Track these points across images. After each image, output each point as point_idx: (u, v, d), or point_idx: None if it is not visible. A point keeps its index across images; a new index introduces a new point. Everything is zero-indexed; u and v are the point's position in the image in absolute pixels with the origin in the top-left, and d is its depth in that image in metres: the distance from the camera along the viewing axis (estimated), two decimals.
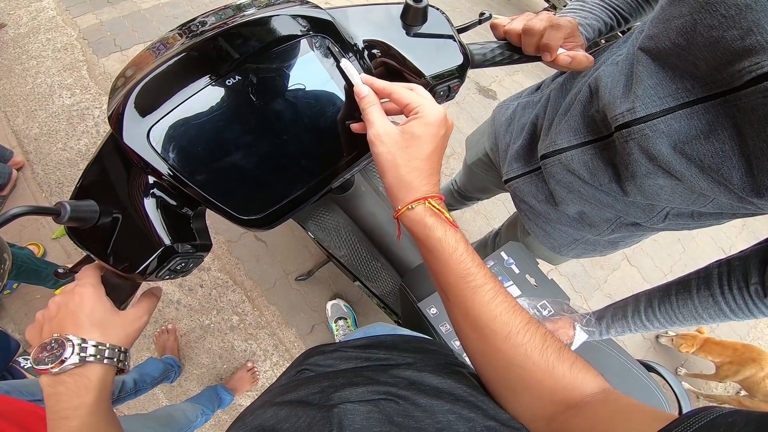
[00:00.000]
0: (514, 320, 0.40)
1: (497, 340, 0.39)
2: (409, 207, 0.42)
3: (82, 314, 0.44)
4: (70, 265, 0.54)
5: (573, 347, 0.78)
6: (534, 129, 0.81)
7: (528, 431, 0.38)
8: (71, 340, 0.42)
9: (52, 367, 0.40)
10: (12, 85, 2.22)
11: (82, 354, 0.42)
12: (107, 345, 0.45)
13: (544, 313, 0.83)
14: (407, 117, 0.45)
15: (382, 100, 0.47)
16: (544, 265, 2.12)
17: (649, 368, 0.86)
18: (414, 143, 0.43)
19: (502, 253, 0.91)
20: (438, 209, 0.43)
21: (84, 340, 0.43)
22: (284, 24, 0.49)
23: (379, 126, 0.43)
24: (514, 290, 0.87)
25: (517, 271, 0.89)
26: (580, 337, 0.79)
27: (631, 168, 0.60)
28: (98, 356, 0.44)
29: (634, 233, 0.80)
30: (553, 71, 0.83)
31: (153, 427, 1.18)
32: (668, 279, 0.74)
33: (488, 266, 0.80)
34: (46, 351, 0.41)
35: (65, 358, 0.41)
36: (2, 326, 1.66)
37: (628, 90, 0.57)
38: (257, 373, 1.76)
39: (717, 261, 0.67)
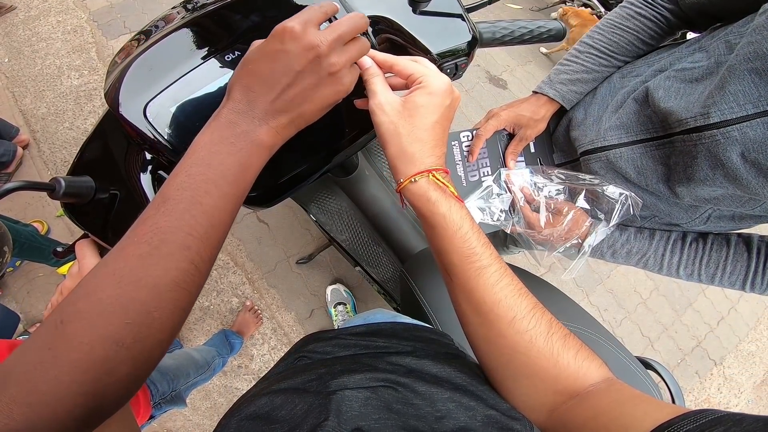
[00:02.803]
0: (520, 304, 0.38)
1: (501, 325, 0.38)
2: (412, 180, 0.41)
3: None
4: (70, 243, 0.54)
5: (585, 245, 0.73)
6: (569, 122, 0.80)
7: (529, 421, 0.37)
8: None
9: None
10: (21, 66, 2.23)
11: None
12: None
13: (553, 189, 0.76)
14: (410, 88, 0.43)
15: (387, 75, 0.46)
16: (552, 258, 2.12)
17: (647, 365, 0.85)
18: (417, 113, 0.41)
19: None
20: (442, 183, 0.41)
21: None
22: None
23: (381, 95, 0.42)
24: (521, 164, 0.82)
25: (533, 150, 0.84)
26: (601, 233, 0.72)
27: (688, 171, 0.59)
28: None
29: (663, 229, 0.79)
30: None
31: (177, 358, 1.28)
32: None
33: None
34: None
35: None
36: (4, 304, 1.66)
37: (702, 95, 0.56)
38: (259, 311, 1.78)
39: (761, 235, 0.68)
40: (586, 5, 3.04)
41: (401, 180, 0.41)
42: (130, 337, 0.30)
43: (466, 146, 0.78)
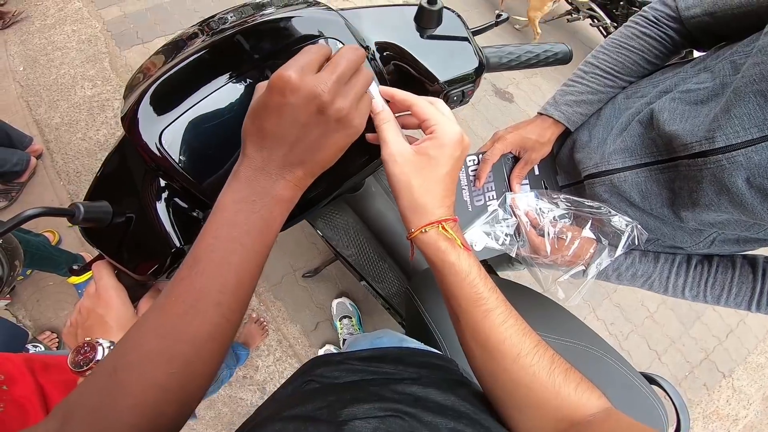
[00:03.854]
0: (524, 342, 0.40)
1: (505, 361, 0.40)
2: (423, 231, 0.42)
3: (109, 318, 0.48)
4: (87, 258, 0.55)
5: (589, 273, 0.73)
6: (573, 144, 0.80)
7: None
8: (101, 344, 0.45)
9: (87, 369, 0.44)
10: (36, 75, 2.27)
11: None
12: None
13: (557, 213, 0.76)
14: (424, 133, 0.44)
15: (403, 113, 0.46)
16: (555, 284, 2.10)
17: (652, 381, 0.84)
18: (428, 165, 0.42)
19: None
20: (451, 235, 0.42)
21: (113, 343, 0.46)
22: (291, 27, 0.49)
23: (393, 145, 0.42)
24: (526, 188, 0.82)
25: (537, 172, 0.84)
26: (605, 261, 0.72)
27: (694, 196, 0.59)
28: None
29: (666, 252, 0.78)
30: None
31: None
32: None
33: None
34: (80, 354, 0.45)
35: (98, 360, 0.44)
36: (14, 312, 1.69)
37: (707, 117, 0.55)
38: (265, 323, 1.79)
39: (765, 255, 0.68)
40: (592, 17, 3.06)
41: (412, 230, 0.43)
42: (176, 384, 0.34)
43: (472, 171, 0.78)
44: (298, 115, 0.36)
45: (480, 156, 0.78)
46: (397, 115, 0.45)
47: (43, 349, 1.55)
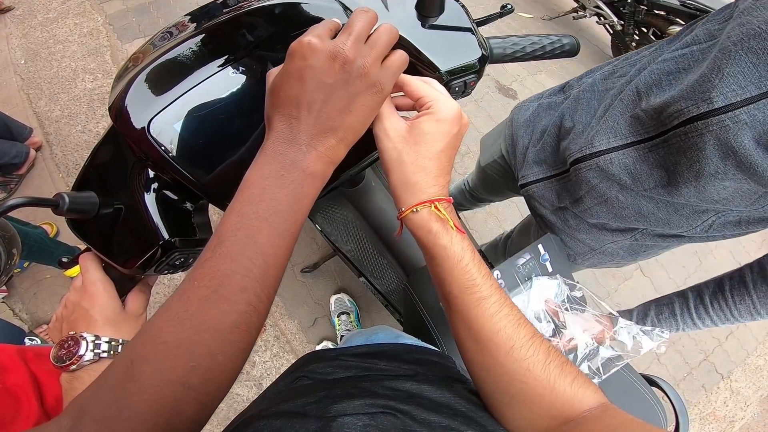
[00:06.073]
0: (518, 334, 0.39)
1: (499, 354, 0.39)
2: (414, 210, 0.40)
3: (94, 312, 0.46)
4: (79, 247, 0.54)
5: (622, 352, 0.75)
6: (558, 131, 0.78)
7: None
8: (85, 338, 0.44)
9: (70, 364, 0.43)
10: (37, 68, 2.27)
11: (97, 351, 0.44)
12: (120, 341, 0.47)
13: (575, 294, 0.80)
14: (420, 111, 0.42)
15: (395, 94, 0.45)
16: None
17: (652, 382, 0.84)
18: (422, 140, 0.40)
19: (540, 246, 0.85)
20: (443, 215, 0.40)
21: (98, 337, 0.45)
22: (288, 13, 0.47)
23: (386, 120, 0.41)
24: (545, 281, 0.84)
25: (550, 269, 0.85)
26: (646, 343, 0.74)
27: (696, 167, 0.56)
28: (112, 352, 0.45)
29: (659, 244, 0.77)
30: (580, 72, 0.84)
31: None
32: None
33: (524, 259, 0.78)
34: (63, 348, 0.44)
35: (80, 354, 0.43)
36: (10, 305, 1.69)
37: (700, 80, 0.54)
38: None
39: None
40: (599, 15, 3.03)
41: (403, 209, 0.41)
42: (196, 378, 0.31)
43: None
44: (322, 76, 0.34)
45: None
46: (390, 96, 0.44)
47: (39, 342, 1.55)
